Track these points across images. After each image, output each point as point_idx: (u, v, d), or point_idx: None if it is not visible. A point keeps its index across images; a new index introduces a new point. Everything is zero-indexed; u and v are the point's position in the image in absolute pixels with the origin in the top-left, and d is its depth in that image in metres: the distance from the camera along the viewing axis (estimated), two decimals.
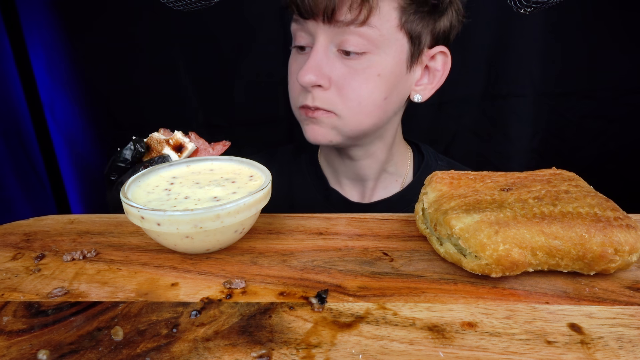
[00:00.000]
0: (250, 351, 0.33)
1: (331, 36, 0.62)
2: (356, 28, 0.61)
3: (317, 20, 0.62)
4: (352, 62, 0.63)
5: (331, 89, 0.64)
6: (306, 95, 0.65)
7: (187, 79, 1.17)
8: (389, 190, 0.77)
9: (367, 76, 0.63)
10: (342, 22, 0.60)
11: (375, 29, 0.61)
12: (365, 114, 0.66)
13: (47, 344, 0.34)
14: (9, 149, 1.22)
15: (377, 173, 0.76)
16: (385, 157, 0.75)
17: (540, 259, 0.39)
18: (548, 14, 0.96)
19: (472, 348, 0.33)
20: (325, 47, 0.63)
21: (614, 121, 1.15)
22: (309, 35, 0.65)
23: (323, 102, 0.64)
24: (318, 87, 0.64)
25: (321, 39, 0.63)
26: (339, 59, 0.63)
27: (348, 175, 0.78)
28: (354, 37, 0.61)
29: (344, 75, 0.63)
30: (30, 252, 0.46)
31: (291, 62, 0.70)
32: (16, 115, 1.24)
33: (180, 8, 0.67)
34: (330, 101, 0.64)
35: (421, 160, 0.80)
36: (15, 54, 1.20)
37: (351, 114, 0.65)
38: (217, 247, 0.45)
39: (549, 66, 1.11)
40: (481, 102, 1.16)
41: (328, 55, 0.63)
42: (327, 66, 0.63)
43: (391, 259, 0.44)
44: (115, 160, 0.55)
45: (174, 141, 0.56)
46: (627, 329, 0.34)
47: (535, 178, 0.46)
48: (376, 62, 0.63)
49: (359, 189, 0.78)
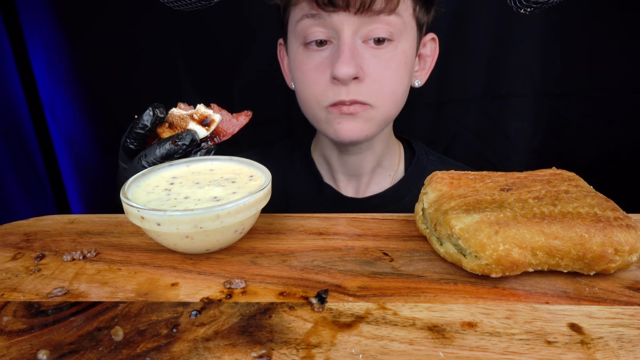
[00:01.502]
0: (250, 351, 0.33)
1: (358, 27, 0.62)
2: (386, 16, 0.62)
3: (348, 10, 0.61)
4: (380, 52, 0.64)
5: (366, 81, 0.64)
6: (339, 91, 0.64)
7: (187, 79, 1.17)
8: (382, 186, 0.78)
9: (396, 65, 0.65)
10: (374, 11, 0.61)
11: (400, 17, 0.63)
12: (396, 102, 0.68)
13: (47, 344, 0.34)
14: (9, 149, 1.22)
15: (373, 167, 0.77)
16: (382, 151, 0.76)
17: (540, 259, 0.39)
18: (548, 14, 0.96)
19: (472, 348, 0.33)
20: (353, 38, 0.63)
21: (614, 121, 1.15)
22: (328, 29, 0.63)
23: (360, 94, 0.64)
24: (354, 80, 0.63)
25: (348, 31, 0.62)
26: (366, 49, 0.63)
27: (344, 170, 0.78)
28: (381, 26, 0.62)
29: (375, 65, 0.64)
30: (30, 252, 0.46)
31: (302, 61, 0.67)
32: (16, 115, 1.24)
33: (180, 8, 0.67)
34: (366, 93, 0.64)
35: (412, 155, 0.81)
36: (15, 54, 1.20)
37: (384, 103, 0.66)
38: (217, 247, 0.45)
39: (549, 66, 1.11)
40: (481, 102, 1.16)
41: (356, 47, 0.63)
42: (358, 57, 0.63)
43: (391, 259, 0.44)
44: (134, 127, 0.52)
45: (198, 115, 0.53)
46: (627, 329, 0.34)
47: (535, 178, 0.46)
48: (400, 50, 0.65)
49: (354, 184, 0.79)
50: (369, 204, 0.77)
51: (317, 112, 0.68)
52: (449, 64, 1.13)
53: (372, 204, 0.77)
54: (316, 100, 0.67)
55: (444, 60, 1.13)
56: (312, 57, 0.66)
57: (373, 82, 0.64)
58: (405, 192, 0.77)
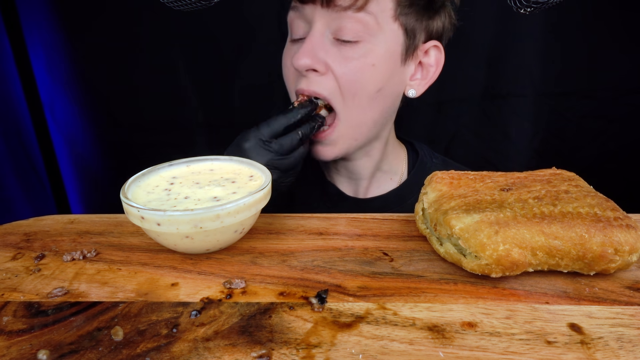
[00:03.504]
0: (250, 351, 0.33)
1: (328, 21, 0.63)
2: (354, 13, 0.61)
3: (315, 3, 0.62)
4: (348, 50, 0.63)
5: (327, 75, 0.64)
6: (300, 80, 0.65)
7: (187, 79, 1.17)
8: (384, 188, 0.78)
9: (361, 65, 0.63)
10: (340, 6, 0.61)
11: (372, 16, 0.61)
12: (361, 107, 0.66)
13: (47, 344, 0.34)
14: (9, 149, 1.22)
15: (372, 172, 0.77)
16: (380, 156, 0.76)
17: (540, 259, 0.39)
18: (548, 14, 0.96)
19: (472, 348, 0.33)
20: (321, 33, 0.63)
21: (614, 121, 1.15)
22: (306, 24, 0.65)
23: (319, 86, 0.64)
24: (313, 72, 0.64)
25: (318, 25, 0.63)
26: (335, 45, 0.63)
27: (342, 173, 0.78)
28: (351, 23, 0.61)
29: (339, 61, 0.63)
30: (30, 252, 0.46)
31: (285, 53, 0.70)
32: (16, 115, 1.24)
33: (180, 8, 0.67)
34: (326, 87, 0.64)
35: (416, 158, 0.80)
36: (15, 54, 1.20)
37: (347, 105, 0.65)
38: (217, 247, 0.45)
39: (549, 66, 1.11)
40: (481, 102, 1.16)
41: (324, 41, 0.63)
42: (322, 51, 0.63)
43: (391, 259, 0.44)
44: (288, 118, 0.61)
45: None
46: (627, 329, 0.34)
47: (535, 178, 0.46)
48: (371, 51, 0.63)
49: (353, 187, 0.79)
50: (371, 205, 0.77)
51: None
52: (449, 64, 1.13)
53: (374, 206, 0.76)
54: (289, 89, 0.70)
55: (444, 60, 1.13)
56: (291, 49, 0.69)
57: (335, 77, 0.64)
58: (408, 195, 0.76)
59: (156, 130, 1.23)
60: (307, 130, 0.63)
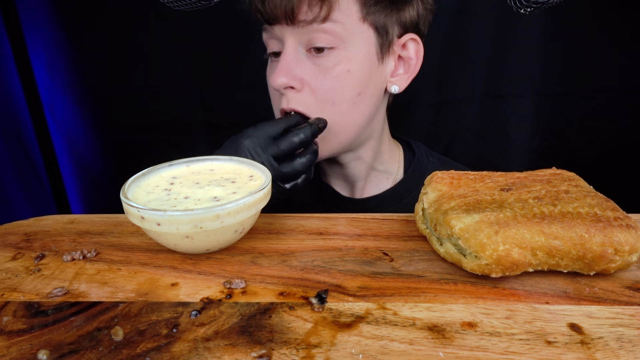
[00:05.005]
0: (250, 351, 0.33)
1: (298, 37, 0.63)
2: (319, 25, 0.61)
3: (281, 23, 0.62)
4: (322, 60, 0.63)
5: (304, 90, 0.64)
6: (280, 99, 0.66)
7: (187, 79, 1.18)
8: (380, 187, 0.78)
9: (337, 74, 0.63)
10: (304, 21, 0.61)
11: (339, 24, 0.61)
12: (341, 113, 0.65)
13: (47, 344, 0.34)
14: (9, 149, 1.22)
15: (366, 172, 0.77)
16: (372, 157, 0.75)
17: (540, 259, 0.39)
18: (548, 14, 0.96)
19: (472, 348, 0.33)
20: (294, 49, 0.63)
21: (614, 121, 1.15)
22: (278, 41, 0.65)
23: (298, 103, 0.64)
24: (291, 89, 0.64)
25: (289, 42, 0.63)
26: (309, 59, 0.64)
27: (337, 176, 0.78)
28: (320, 35, 0.61)
29: (315, 74, 0.63)
30: (30, 252, 0.46)
31: (268, 70, 0.71)
32: (16, 115, 1.24)
33: (180, 8, 0.67)
34: (304, 102, 0.64)
35: (412, 157, 0.80)
36: (15, 54, 1.20)
37: (328, 117, 0.64)
38: (217, 247, 0.45)
39: (549, 66, 1.11)
40: (481, 102, 1.16)
41: (298, 57, 0.64)
42: (297, 67, 0.63)
43: (391, 259, 0.44)
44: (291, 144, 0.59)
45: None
46: (627, 329, 0.34)
47: (535, 178, 0.46)
48: (345, 57, 0.63)
49: (349, 188, 0.79)
50: (367, 205, 0.76)
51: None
52: (449, 64, 1.13)
53: (370, 206, 0.76)
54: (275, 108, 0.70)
55: (444, 60, 1.13)
56: (272, 66, 0.69)
57: (312, 91, 0.64)
58: (404, 194, 0.76)
59: (156, 130, 1.23)
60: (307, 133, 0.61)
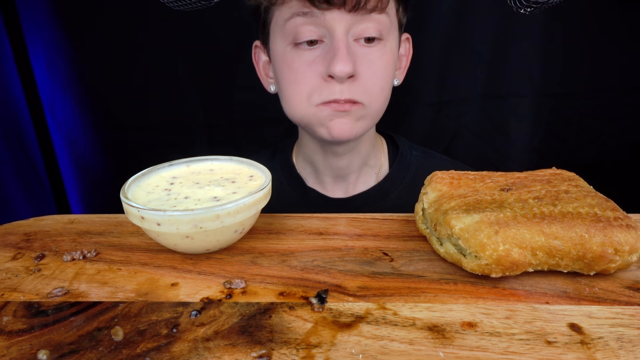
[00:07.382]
0: (250, 351, 0.33)
1: (350, 25, 0.62)
2: (377, 15, 0.63)
3: (342, 8, 0.61)
4: (371, 50, 0.64)
5: (359, 79, 0.64)
6: (332, 89, 0.63)
7: (187, 79, 1.17)
8: (368, 184, 0.78)
9: (385, 63, 0.66)
10: (367, 9, 0.62)
11: (388, 16, 0.65)
12: (384, 100, 0.69)
13: (47, 344, 0.34)
14: (9, 149, 1.22)
15: (359, 167, 0.77)
16: (368, 150, 0.76)
17: (540, 259, 0.39)
18: (548, 14, 0.96)
19: (472, 348, 0.33)
20: (347, 37, 0.63)
21: (614, 121, 1.15)
22: (320, 28, 0.62)
23: (354, 92, 0.64)
24: (349, 79, 0.63)
25: (340, 29, 0.62)
26: (359, 48, 0.64)
27: (330, 172, 0.77)
28: (374, 25, 0.63)
29: (367, 64, 0.64)
30: (30, 252, 0.46)
31: (291, 59, 0.65)
32: (16, 115, 1.24)
33: (180, 8, 0.67)
34: (360, 92, 0.64)
35: (396, 151, 0.80)
36: (15, 54, 1.20)
37: (374, 100, 0.66)
38: (217, 247, 0.45)
39: (549, 66, 1.11)
40: (481, 102, 1.16)
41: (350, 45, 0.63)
42: (353, 55, 0.63)
43: (391, 259, 0.44)
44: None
45: None
46: (627, 329, 0.34)
47: (535, 178, 0.46)
48: (388, 48, 0.66)
49: (341, 184, 0.78)
50: (354, 204, 0.76)
51: (306, 111, 0.67)
52: (449, 64, 1.13)
53: (357, 204, 0.76)
54: (307, 98, 0.65)
55: (444, 60, 1.13)
56: (303, 55, 0.65)
57: (366, 80, 0.64)
58: (391, 188, 0.76)
59: (156, 130, 1.23)
60: None
